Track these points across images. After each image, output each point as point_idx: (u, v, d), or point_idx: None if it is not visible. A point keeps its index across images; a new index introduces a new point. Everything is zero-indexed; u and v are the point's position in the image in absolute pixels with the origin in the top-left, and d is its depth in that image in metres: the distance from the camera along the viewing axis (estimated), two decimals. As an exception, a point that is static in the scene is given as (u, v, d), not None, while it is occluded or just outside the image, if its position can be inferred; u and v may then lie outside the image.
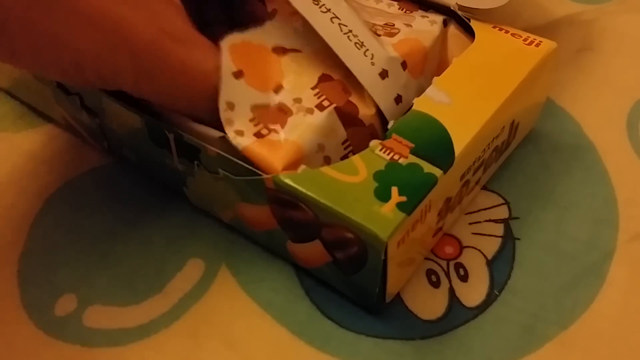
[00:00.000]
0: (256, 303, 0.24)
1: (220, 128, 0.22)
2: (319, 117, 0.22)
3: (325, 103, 0.23)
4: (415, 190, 0.21)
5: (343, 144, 0.23)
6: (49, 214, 0.27)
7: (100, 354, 0.23)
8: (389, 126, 0.22)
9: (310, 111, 0.22)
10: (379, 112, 0.23)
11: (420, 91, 0.24)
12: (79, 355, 0.23)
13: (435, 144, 0.22)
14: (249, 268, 0.25)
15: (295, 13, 0.24)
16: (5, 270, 0.25)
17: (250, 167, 0.22)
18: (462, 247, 0.25)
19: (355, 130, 0.23)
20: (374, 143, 0.22)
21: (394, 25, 0.25)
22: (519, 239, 0.26)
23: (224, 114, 0.22)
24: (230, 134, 0.22)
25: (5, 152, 0.29)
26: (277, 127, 0.22)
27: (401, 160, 0.21)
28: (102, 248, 0.26)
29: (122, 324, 0.23)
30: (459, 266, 0.25)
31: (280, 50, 0.24)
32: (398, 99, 0.24)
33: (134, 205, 0.27)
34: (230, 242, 0.26)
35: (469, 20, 0.26)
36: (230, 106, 0.22)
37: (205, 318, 0.23)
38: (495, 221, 0.26)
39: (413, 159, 0.21)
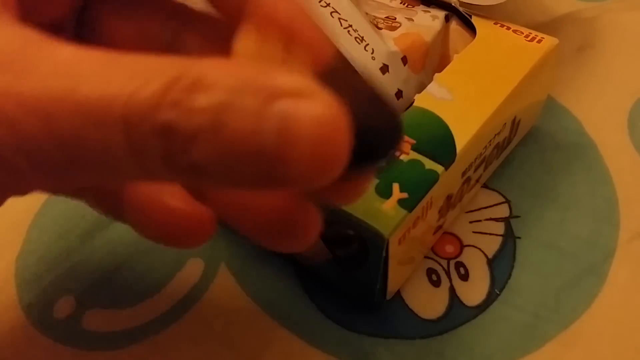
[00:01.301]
0: (256, 303, 0.24)
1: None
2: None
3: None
4: (417, 187, 0.20)
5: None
6: (48, 214, 0.26)
7: (100, 357, 0.22)
8: (390, 122, 0.22)
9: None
10: (380, 107, 0.23)
11: (420, 86, 0.24)
12: (79, 359, 0.22)
13: (436, 140, 0.22)
14: (248, 268, 0.25)
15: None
16: (3, 271, 0.25)
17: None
18: (462, 246, 0.25)
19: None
20: (374, 139, 0.21)
21: (395, 18, 0.25)
22: (519, 237, 0.25)
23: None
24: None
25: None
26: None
27: (402, 157, 0.21)
28: (101, 249, 0.25)
29: (121, 325, 0.23)
30: (459, 265, 0.25)
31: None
32: (399, 94, 0.24)
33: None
34: (230, 242, 0.25)
35: (470, 16, 0.26)
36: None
37: (205, 318, 0.23)
38: (496, 220, 0.26)
39: (414, 155, 0.21)
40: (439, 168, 0.21)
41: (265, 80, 0.11)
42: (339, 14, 0.23)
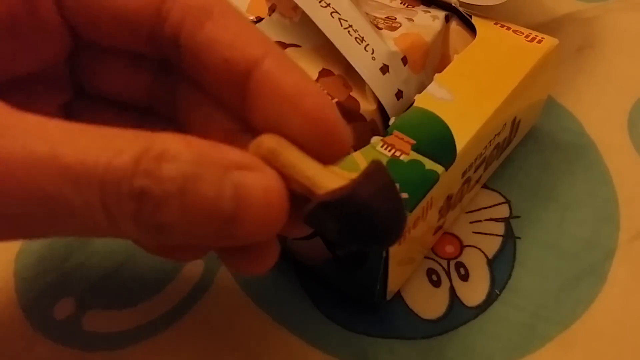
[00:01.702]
0: (256, 303, 0.24)
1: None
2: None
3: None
4: (417, 187, 0.20)
5: (344, 139, 0.23)
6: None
7: (100, 358, 0.22)
8: (390, 122, 0.22)
9: (311, 106, 0.22)
10: (380, 107, 0.23)
11: (421, 87, 0.24)
12: None
13: (436, 140, 0.22)
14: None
15: (294, 8, 0.24)
16: (2, 269, 0.25)
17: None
18: (462, 246, 0.25)
19: (357, 126, 0.23)
20: (375, 139, 0.21)
21: (395, 19, 0.25)
22: (519, 238, 0.25)
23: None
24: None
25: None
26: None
27: (402, 157, 0.21)
28: (101, 249, 0.25)
29: (121, 326, 0.23)
30: (459, 265, 0.24)
31: (280, 45, 0.24)
32: (399, 94, 0.24)
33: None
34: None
35: (470, 16, 0.26)
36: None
37: (205, 319, 0.23)
38: (496, 220, 0.26)
39: (414, 155, 0.21)
40: (439, 168, 0.21)
41: (220, 154, 0.13)
42: (339, 14, 0.23)
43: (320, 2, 0.23)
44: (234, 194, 0.13)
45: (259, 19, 0.25)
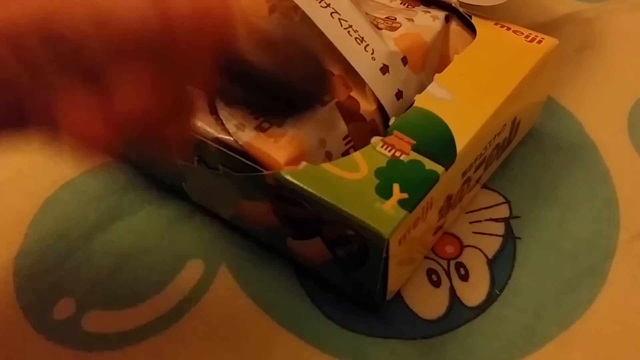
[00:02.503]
0: (256, 303, 0.24)
1: None
2: (320, 111, 0.22)
3: (327, 98, 0.22)
4: (417, 188, 0.20)
5: (344, 139, 0.23)
6: (48, 214, 0.26)
7: (100, 358, 0.22)
8: (390, 122, 0.22)
9: (311, 105, 0.22)
10: (380, 107, 0.23)
11: (421, 87, 0.24)
12: (78, 360, 0.22)
13: (436, 140, 0.22)
14: (248, 268, 0.25)
15: (294, 8, 0.24)
16: (2, 269, 0.25)
17: (251, 164, 0.21)
18: (462, 247, 0.25)
19: (357, 126, 0.23)
20: (375, 139, 0.22)
21: (395, 19, 0.25)
22: (519, 238, 0.25)
23: (222, 111, 0.22)
24: (231, 128, 0.21)
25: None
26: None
27: (402, 157, 0.21)
28: (101, 250, 0.25)
29: (121, 327, 0.23)
30: (459, 265, 0.25)
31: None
32: (399, 95, 0.24)
33: (133, 206, 0.27)
34: (230, 242, 0.25)
35: (470, 17, 0.26)
36: (229, 103, 0.22)
37: (205, 319, 0.23)
38: (496, 220, 0.26)
39: (414, 155, 0.21)
40: (439, 168, 0.21)
41: None
42: (339, 14, 0.23)
43: (320, 2, 0.23)
44: None
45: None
